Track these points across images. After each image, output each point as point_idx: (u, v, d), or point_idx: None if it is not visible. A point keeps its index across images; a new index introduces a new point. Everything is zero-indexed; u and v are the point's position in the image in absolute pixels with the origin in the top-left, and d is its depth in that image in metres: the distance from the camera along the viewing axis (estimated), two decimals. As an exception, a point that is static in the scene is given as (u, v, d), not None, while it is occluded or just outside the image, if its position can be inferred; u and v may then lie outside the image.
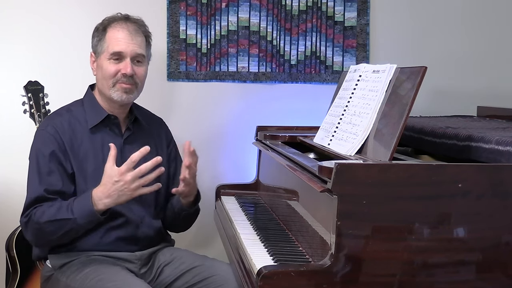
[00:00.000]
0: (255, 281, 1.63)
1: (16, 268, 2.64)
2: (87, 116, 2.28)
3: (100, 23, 2.33)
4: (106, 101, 2.30)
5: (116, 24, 2.28)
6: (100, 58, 2.27)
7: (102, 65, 2.26)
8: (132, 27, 2.28)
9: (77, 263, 2.20)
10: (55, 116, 2.31)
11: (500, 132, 1.97)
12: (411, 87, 1.79)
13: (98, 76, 2.29)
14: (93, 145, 2.25)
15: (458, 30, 3.23)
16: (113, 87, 2.24)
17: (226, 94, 3.15)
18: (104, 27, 2.29)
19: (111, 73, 2.24)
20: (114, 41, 2.25)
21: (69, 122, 2.26)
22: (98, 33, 2.30)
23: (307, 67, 3.15)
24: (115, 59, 2.24)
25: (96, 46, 2.30)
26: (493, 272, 1.64)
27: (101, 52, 2.27)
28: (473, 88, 3.21)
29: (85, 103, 2.32)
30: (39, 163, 2.19)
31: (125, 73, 2.23)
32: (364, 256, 1.58)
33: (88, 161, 2.24)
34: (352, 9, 3.14)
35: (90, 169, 2.23)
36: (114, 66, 2.24)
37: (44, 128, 2.24)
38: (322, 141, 2.19)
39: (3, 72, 3.00)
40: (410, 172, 1.62)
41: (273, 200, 2.50)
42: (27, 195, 2.20)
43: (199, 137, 3.14)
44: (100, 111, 2.28)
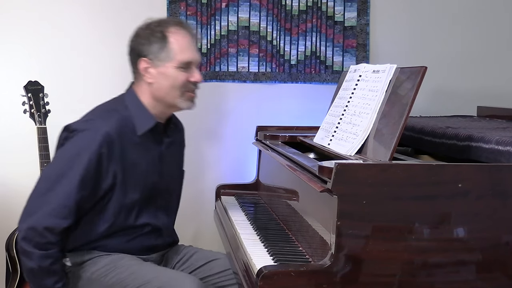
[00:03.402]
0: (255, 281, 1.63)
1: (16, 268, 2.64)
2: (135, 121, 2.17)
3: (151, 28, 2.18)
4: (162, 108, 2.21)
5: (177, 30, 2.18)
6: (165, 66, 2.16)
7: (168, 73, 2.16)
8: (191, 32, 2.23)
9: (104, 260, 2.15)
10: (104, 115, 2.16)
11: (500, 132, 1.97)
12: (411, 87, 1.79)
13: (162, 85, 2.17)
14: (139, 153, 2.18)
15: (458, 30, 3.23)
16: (181, 96, 2.18)
17: (226, 94, 3.15)
18: (162, 33, 2.16)
19: (182, 82, 2.17)
20: (182, 49, 2.17)
21: (119, 126, 2.13)
22: (156, 39, 2.16)
23: (307, 67, 3.16)
24: (183, 67, 2.17)
25: (158, 53, 2.15)
26: (493, 272, 1.64)
27: (165, 60, 2.16)
28: (473, 88, 3.22)
29: (131, 106, 2.19)
30: (77, 169, 2.04)
31: (196, 81, 2.21)
32: (364, 256, 1.58)
33: (132, 171, 2.15)
34: (352, 9, 3.14)
35: (132, 179, 2.16)
36: (184, 75, 2.17)
37: (97, 130, 2.08)
38: (322, 141, 2.19)
39: (3, 72, 3.00)
40: (410, 172, 1.62)
41: (273, 200, 2.50)
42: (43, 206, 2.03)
43: (199, 137, 3.15)
44: (149, 117, 2.19)
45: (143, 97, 2.20)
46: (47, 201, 2.03)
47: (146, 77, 2.18)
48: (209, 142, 3.16)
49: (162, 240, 2.29)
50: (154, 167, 2.23)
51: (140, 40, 2.18)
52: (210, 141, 3.16)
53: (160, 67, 2.16)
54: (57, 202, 2.03)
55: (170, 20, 2.25)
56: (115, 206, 2.14)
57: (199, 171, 3.15)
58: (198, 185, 3.13)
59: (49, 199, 2.04)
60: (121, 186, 2.13)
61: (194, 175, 3.15)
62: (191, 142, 3.15)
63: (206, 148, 3.16)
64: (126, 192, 2.14)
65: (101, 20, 3.03)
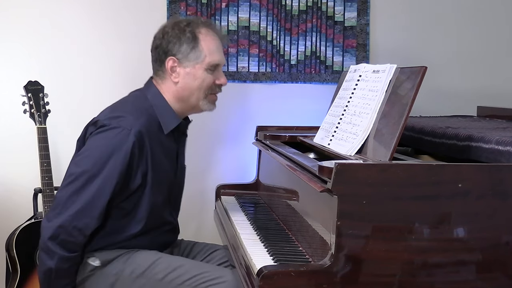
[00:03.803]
0: (255, 281, 1.63)
1: (16, 268, 2.64)
2: (161, 120, 2.17)
3: (180, 28, 2.17)
4: (185, 108, 2.22)
5: (207, 31, 2.19)
6: (195, 67, 2.16)
7: (197, 74, 2.17)
8: (219, 34, 2.24)
9: (134, 256, 2.14)
10: (135, 112, 2.12)
11: (500, 132, 1.97)
12: (411, 87, 1.79)
13: (188, 85, 2.17)
14: (162, 152, 2.18)
15: (458, 30, 3.23)
16: (205, 98, 2.20)
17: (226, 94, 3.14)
18: (193, 34, 2.16)
19: (209, 84, 2.19)
20: (212, 51, 2.17)
21: (149, 125, 2.12)
22: (186, 39, 2.15)
23: (307, 67, 3.16)
24: (211, 69, 2.18)
25: (187, 53, 2.15)
26: (493, 272, 1.64)
27: (195, 61, 2.16)
28: (473, 88, 3.22)
29: (156, 104, 2.18)
30: (111, 169, 2.02)
31: (222, 84, 2.23)
32: (364, 256, 1.58)
33: (158, 170, 2.15)
34: (352, 9, 3.14)
35: (159, 178, 2.16)
36: (211, 77, 2.19)
37: (131, 128, 2.05)
38: (322, 141, 2.19)
39: (3, 72, 3.00)
40: (410, 172, 1.61)
41: (273, 200, 2.50)
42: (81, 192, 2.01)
43: (199, 137, 3.14)
44: (174, 116, 2.20)
45: (167, 95, 2.20)
46: (78, 200, 2.01)
47: (173, 76, 2.17)
48: (209, 142, 3.16)
49: (175, 236, 2.35)
50: (172, 166, 2.25)
51: (169, 39, 2.17)
52: (210, 141, 3.16)
53: (188, 67, 2.16)
54: (89, 202, 2.01)
55: (200, 20, 2.23)
56: (147, 206, 2.14)
57: (199, 171, 3.15)
58: (198, 185, 3.13)
59: (80, 198, 2.01)
60: (152, 186, 2.13)
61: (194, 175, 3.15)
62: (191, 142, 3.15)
63: (206, 148, 3.16)
64: (155, 191, 2.15)
65: (101, 20, 3.03)
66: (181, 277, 2.07)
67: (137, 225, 2.15)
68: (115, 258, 2.13)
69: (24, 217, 2.72)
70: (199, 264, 2.21)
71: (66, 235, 1.99)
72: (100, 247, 2.14)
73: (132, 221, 2.14)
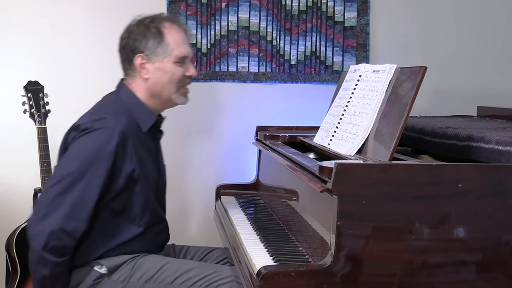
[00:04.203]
0: (255, 281, 1.63)
1: (16, 268, 2.64)
2: (138, 119, 2.18)
3: (145, 25, 2.20)
4: (158, 103, 2.24)
5: (171, 25, 2.22)
6: (163, 61, 2.18)
7: (166, 68, 2.19)
8: (183, 27, 2.27)
9: (141, 262, 2.13)
10: (115, 113, 2.14)
11: (500, 132, 1.97)
12: (411, 87, 1.79)
13: (159, 80, 2.19)
14: (145, 150, 2.19)
15: (458, 30, 3.23)
16: (176, 91, 2.22)
17: (226, 94, 3.15)
18: (158, 29, 2.19)
19: (179, 77, 2.21)
20: (178, 44, 2.20)
21: (129, 124, 2.13)
22: (152, 35, 2.18)
23: (307, 67, 3.16)
24: (180, 62, 2.20)
25: (154, 48, 2.17)
26: (493, 272, 1.64)
27: (163, 55, 2.18)
28: (473, 88, 3.22)
29: (130, 104, 2.20)
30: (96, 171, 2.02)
31: (192, 75, 2.24)
32: (364, 256, 1.58)
33: (144, 168, 2.16)
34: (352, 9, 3.14)
35: (146, 176, 2.17)
36: (181, 70, 2.21)
37: (113, 129, 2.07)
38: (322, 141, 2.19)
39: (3, 72, 3.00)
40: (410, 172, 1.61)
41: (273, 200, 2.50)
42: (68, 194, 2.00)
43: (199, 137, 3.15)
44: (150, 113, 2.22)
45: (139, 93, 2.21)
46: (64, 203, 2.00)
47: (143, 73, 2.19)
48: (209, 142, 3.16)
49: (169, 235, 2.35)
50: (154, 163, 2.26)
51: (135, 37, 2.20)
52: (210, 141, 3.16)
53: (157, 62, 2.19)
54: (77, 204, 2.00)
55: (163, 16, 2.26)
56: (141, 204, 2.15)
57: (199, 171, 3.15)
58: (198, 185, 3.14)
59: (66, 200, 2.00)
60: (141, 184, 2.14)
61: (194, 175, 3.16)
62: (191, 142, 3.16)
63: (206, 148, 3.16)
64: (146, 189, 2.16)
65: (101, 20, 3.03)
66: (192, 279, 2.07)
67: (135, 225, 2.14)
68: (121, 265, 2.12)
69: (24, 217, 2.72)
70: (207, 265, 2.21)
71: (56, 241, 1.98)
72: (103, 254, 2.12)
73: (127, 222, 2.14)
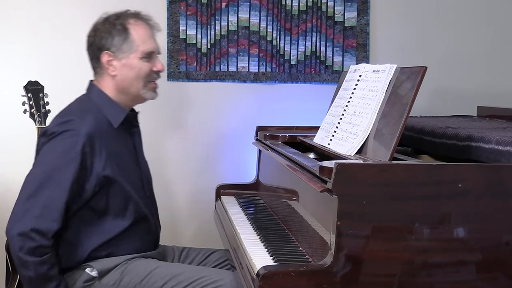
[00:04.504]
0: (255, 281, 1.63)
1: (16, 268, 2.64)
2: (108, 115, 2.19)
3: (110, 22, 2.22)
4: (127, 99, 2.25)
5: (136, 21, 2.23)
6: (129, 57, 2.20)
7: (133, 64, 2.20)
8: (149, 23, 2.27)
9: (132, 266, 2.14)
10: (81, 114, 2.15)
11: (500, 132, 1.97)
12: (411, 87, 1.79)
13: (126, 76, 2.20)
14: (119, 146, 2.20)
15: (458, 30, 3.23)
16: (144, 87, 2.23)
17: (226, 94, 3.15)
18: (123, 26, 2.20)
19: (146, 72, 2.22)
20: (144, 40, 2.21)
21: (97, 123, 2.14)
22: (117, 32, 2.19)
23: (307, 67, 3.16)
24: (146, 57, 2.21)
25: (120, 45, 2.19)
26: (493, 272, 1.64)
27: (128, 52, 2.19)
28: (473, 88, 3.22)
29: (99, 102, 2.21)
30: (62, 173, 2.04)
31: (159, 70, 2.25)
32: (364, 256, 1.58)
33: (119, 164, 2.16)
34: (352, 9, 3.14)
35: (122, 171, 2.17)
36: (148, 65, 2.22)
37: (78, 130, 2.08)
38: (322, 141, 2.19)
39: (3, 72, 3.01)
40: (410, 172, 1.61)
41: (273, 200, 2.50)
42: (36, 197, 2.02)
43: (199, 137, 3.15)
44: (119, 109, 2.23)
45: (108, 91, 2.23)
46: (34, 205, 2.02)
47: (110, 70, 2.21)
48: (209, 142, 3.16)
49: (158, 230, 2.34)
50: (132, 158, 2.27)
51: (101, 34, 2.22)
52: (210, 141, 3.16)
53: (123, 59, 2.20)
54: (45, 204, 2.02)
55: (129, 12, 2.26)
56: (122, 200, 2.15)
57: (199, 171, 3.15)
58: (198, 185, 3.14)
59: (35, 203, 2.02)
60: (119, 180, 2.14)
61: (194, 175, 3.16)
62: (191, 142, 3.16)
63: (206, 148, 3.16)
64: (125, 184, 2.16)
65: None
66: (180, 284, 2.07)
67: (119, 220, 2.15)
68: (112, 268, 2.13)
69: (24, 217, 2.72)
70: (197, 268, 2.21)
71: (30, 242, 1.99)
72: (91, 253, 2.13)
73: (111, 218, 2.14)
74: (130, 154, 2.26)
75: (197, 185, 3.13)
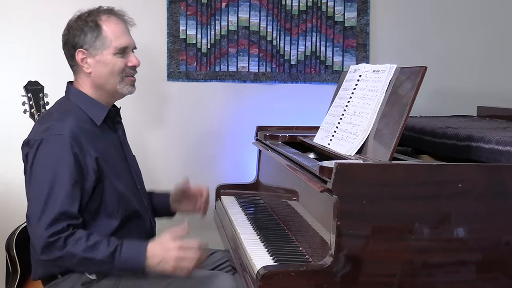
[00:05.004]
0: (255, 281, 1.63)
1: (16, 268, 2.64)
2: (90, 114, 2.19)
3: (83, 19, 2.21)
4: (106, 96, 2.24)
5: (108, 17, 2.22)
6: (102, 54, 2.19)
7: (106, 60, 2.20)
8: (122, 18, 2.27)
9: None
10: (60, 117, 2.14)
11: (500, 132, 1.97)
12: (411, 87, 1.79)
13: (100, 73, 2.20)
14: (104, 143, 2.19)
15: (458, 30, 3.23)
16: (121, 81, 2.21)
17: (226, 94, 3.15)
18: (95, 22, 2.20)
19: (121, 68, 2.21)
20: (116, 36, 2.20)
21: (78, 123, 2.14)
22: (89, 29, 2.19)
23: (307, 67, 3.16)
24: (120, 53, 2.21)
25: (93, 42, 2.19)
26: (493, 272, 1.64)
27: (102, 48, 2.19)
28: (473, 88, 3.21)
29: (79, 102, 2.21)
30: (63, 172, 2.03)
31: (135, 65, 2.24)
32: (364, 256, 1.58)
33: (107, 161, 2.16)
34: (352, 9, 3.14)
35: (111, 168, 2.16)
36: (122, 61, 2.21)
37: (61, 132, 2.07)
38: (322, 141, 2.19)
39: (3, 72, 3.00)
40: (410, 172, 1.62)
41: (273, 200, 2.50)
42: (49, 205, 2.01)
43: (199, 137, 3.15)
44: (100, 106, 2.22)
45: (85, 89, 2.23)
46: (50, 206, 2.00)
47: (85, 67, 2.21)
48: (209, 142, 3.16)
49: (151, 224, 2.31)
50: (119, 154, 2.26)
51: (74, 32, 2.21)
52: (210, 141, 3.16)
53: (97, 55, 2.19)
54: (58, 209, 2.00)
55: (101, 9, 2.25)
56: (113, 197, 2.14)
57: (199, 171, 3.14)
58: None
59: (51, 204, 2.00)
60: (110, 177, 2.14)
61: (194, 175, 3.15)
62: (191, 142, 3.16)
63: (206, 148, 3.16)
64: (115, 181, 2.15)
65: (101, 20, 3.02)
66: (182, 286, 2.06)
67: (112, 219, 2.14)
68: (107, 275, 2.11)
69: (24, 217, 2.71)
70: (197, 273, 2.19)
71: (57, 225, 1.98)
72: None
73: (104, 218, 2.13)
74: (117, 151, 2.26)
75: (197, 185, 3.13)
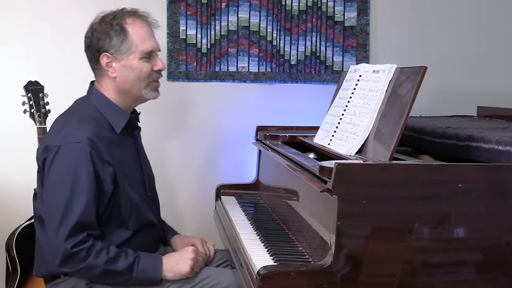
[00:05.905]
0: (255, 281, 1.63)
1: (16, 268, 2.64)
2: (110, 120, 2.15)
3: (107, 22, 2.16)
4: (129, 101, 2.20)
5: (134, 20, 2.17)
6: (128, 58, 2.14)
7: (133, 65, 2.14)
8: (146, 20, 2.21)
9: None
10: (77, 125, 2.09)
11: (500, 132, 1.97)
12: (411, 87, 1.79)
13: (126, 78, 2.15)
14: (122, 151, 2.16)
15: (458, 30, 3.23)
16: (146, 86, 2.17)
17: (226, 94, 3.15)
18: (120, 26, 2.14)
19: (147, 72, 2.16)
20: (143, 40, 2.15)
21: (97, 129, 2.09)
22: (115, 32, 2.13)
23: (307, 67, 3.16)
24: (146, 57, 2.16)
25: (119, 46, 2.13)
26: (493, 272, 1.64)
27: (128, 53, 2.14)
28: (473, 88, 3.22)
29: (100, 106, 2.16)
30: (82, 181, 2.00)
31: (160, 69, 2.20)
32: (364, 256, 1.58)
33: (124, 169, 2.13)
34: (352, 9, 3.14)
35: (128, 177, 2.14)
36: (148, 65, 2.16)
37: (81, 140, 2.03)
38: (322, 141, 2.19)
39: (3, 72, 3.01)
40: (410, 172, 1.62)
41: (273, 200, 2.50)
42: (68, 214, 1.97)
43: (199, 137, 3.15)
44: (122, 112, 2.18)
45: (108, 93, 2.18)
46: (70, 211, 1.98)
47: (110, 72, 2.16)
48: (209, 142, 3.16)
49: (159, 233, 2.31)
50: (136, 161, 2.24)
51: (98, 35, 2.16)
52: (210, 141, 3.16)
53: (123, 60, 2.14)
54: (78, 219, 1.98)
55: (125, 11, 2.20)
56: (127, 206, 2.12)
57: (199, 171, 3.15)
58: (198, 185, 3.13)
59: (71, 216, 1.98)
60: (124, 187, 2.11)
61: (194, 175, 3.16)
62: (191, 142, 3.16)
63: (206, 148, 3.16)
64: (129, 191, 2.13)
65: (101, 20, 3.02)
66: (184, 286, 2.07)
67: (123, 229, 2.12)
68: None
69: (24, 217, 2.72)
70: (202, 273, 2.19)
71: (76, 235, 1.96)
72: None
73: (115, 228, 2.10)
74: (134, 158, 2.23)
75: (197, 185, 3.13)
